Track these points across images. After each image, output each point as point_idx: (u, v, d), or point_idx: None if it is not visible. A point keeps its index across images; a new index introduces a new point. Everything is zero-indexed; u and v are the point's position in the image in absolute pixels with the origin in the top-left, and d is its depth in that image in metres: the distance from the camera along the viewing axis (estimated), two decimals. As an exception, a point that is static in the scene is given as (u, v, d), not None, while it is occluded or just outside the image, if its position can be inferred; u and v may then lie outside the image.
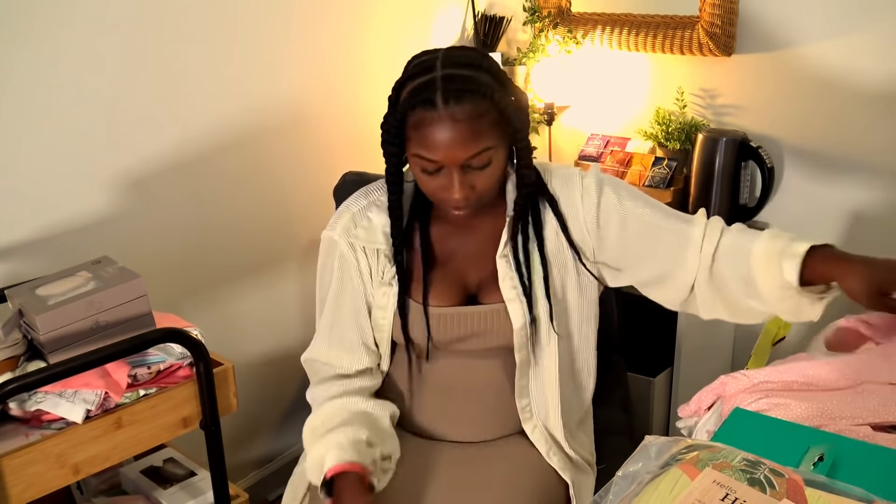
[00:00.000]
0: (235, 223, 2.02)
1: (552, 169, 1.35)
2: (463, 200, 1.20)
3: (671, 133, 2.32)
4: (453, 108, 1.13)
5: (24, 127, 1.60)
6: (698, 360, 2.21)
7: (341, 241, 1.31)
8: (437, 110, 1.14)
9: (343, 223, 1.32)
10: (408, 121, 1.17)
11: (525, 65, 2.49)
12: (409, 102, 1.16)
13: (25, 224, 1.63)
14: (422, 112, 1.15)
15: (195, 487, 1.56)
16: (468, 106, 1.14)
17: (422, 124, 1.15)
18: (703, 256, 1.27)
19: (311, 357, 1.38)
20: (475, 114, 1.14)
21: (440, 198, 1.23)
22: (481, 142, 1.16)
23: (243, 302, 2.07)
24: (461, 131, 1.14)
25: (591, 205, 1.30)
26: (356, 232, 1.31)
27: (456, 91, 1.14)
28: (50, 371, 1.22)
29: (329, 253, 1.34)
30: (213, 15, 1.87)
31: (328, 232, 1.33)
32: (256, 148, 2.03)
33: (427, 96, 1.14)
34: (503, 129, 1.19)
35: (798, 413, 1.19)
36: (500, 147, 1.20)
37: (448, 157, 1.16)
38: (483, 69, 1.18)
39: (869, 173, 2.13)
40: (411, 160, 1.22)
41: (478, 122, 1.15)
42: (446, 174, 1.19)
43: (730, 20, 2.19)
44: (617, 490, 0.89)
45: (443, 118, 1.14)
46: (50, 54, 1.61)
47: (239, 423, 2.00)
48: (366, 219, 1.32)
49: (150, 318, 1.41)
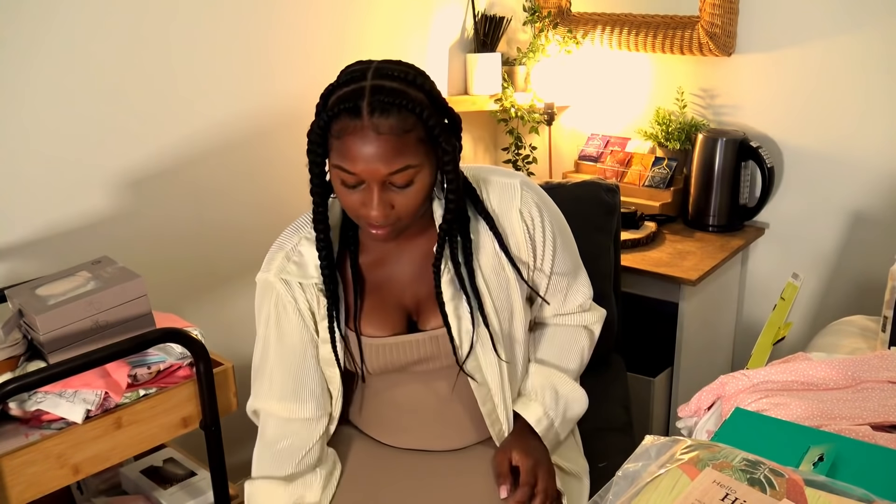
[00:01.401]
0: (235, 223, 2.02)
1: (490, 181, 1.29)
2: (381, 218, 1.14)
3: (671, 133, 2.32)
4: (378, 119, 1.08)
5: (24, 127, 1.60)
6: (698, 360, 2.22)
7: (276, 281, 1.25)
8: (362, 120, 1.08)
9: (277, 263, 1.27)
10: (331, 129, 1.12)
11: (525, 65, 2.49)
12: (334, 109, 1.10)
13: (25, 224, 1.63)
14: (346, 120, 1.10)
15: (195, 487, 1.56)
16: (393, 120, 1.09)
17: (344, 133, 1.10)
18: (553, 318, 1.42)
19: (259, 408, 1.33)
20: (400, 129, 1.09)
21: (358, 214, 1.17)
22: (403, 158, 1.10)
23: (243, 302, 2.07)
24: (383, 145, 1.09)
25: (530, 221, 1.28)
26: (289, 268, 1.26)
27: (382, 103, 1.08)
28: (50, 371, 1.22)
29: (265, 296, 1.28)
30: (213, 16, 1.87)
31: (262, 274, 1.28)
32: (256, 148, 2.03)
33: (353, 104, 1.09)
34: (430, 149, 1.14)
35: (798, 413, 1.19)
36: (425, 167, 1.14)
37: (368, 172, 1.10)
38: (416, 85, 1.13)
39: (868, 173, 2.13)
40: (332, 172, 1.16)
41: (402, 138, 1.10)
42: (366, 190, 1.13)
43: (730, 20, 2.19)
44: (617, 490, 0.89)
45: (366, 129, 1.08)
46: (50, 55, 1.61)
47: (239, 423, 1.99)
48: (297, 254, 1.27)
49: (150, 318, 1.41)
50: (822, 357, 1.40)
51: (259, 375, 1.32)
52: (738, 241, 2.22)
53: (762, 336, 1.67)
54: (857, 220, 2.19)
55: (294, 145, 2.13)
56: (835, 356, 1.43)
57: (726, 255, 2.13)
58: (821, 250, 2.26)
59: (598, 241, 1.82)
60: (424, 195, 1.16)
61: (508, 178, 1.29)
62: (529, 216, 1.28)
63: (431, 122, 1.12)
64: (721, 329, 2.37)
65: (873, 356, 1.34)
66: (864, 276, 2.19)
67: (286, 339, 1.28)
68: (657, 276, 2.04)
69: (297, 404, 1.29)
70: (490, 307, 1.27)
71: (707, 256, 2.11)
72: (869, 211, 2.16)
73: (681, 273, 2.02)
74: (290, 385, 1.29)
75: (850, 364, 1.31)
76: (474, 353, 1.28)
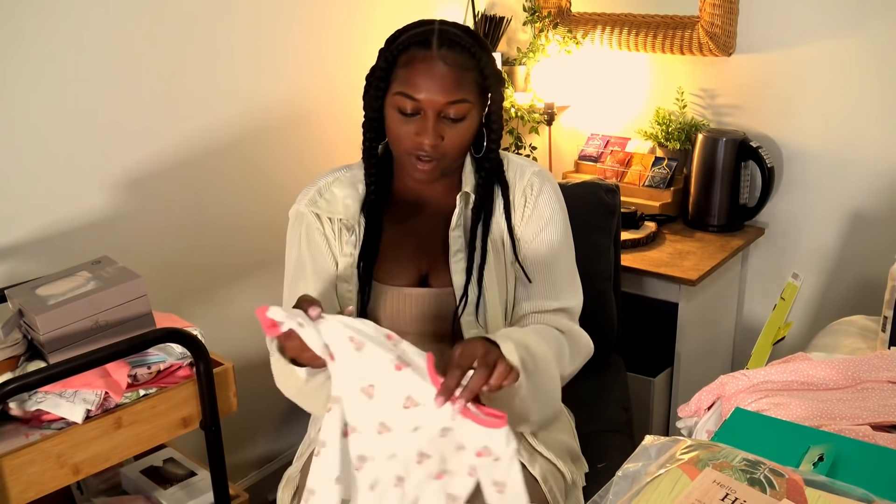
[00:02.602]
0: (235, 223, 2.02)
1: (509, 157, 1.40)
2: (431, 148, 1.23)
3: (671, 133, 2.32)
4: (445, 52, 1.21)
5: (24, 127, 1.60)
6: (698, 360, 2.22)
7: (307, 212, 1.35)
8: (431, 51, 1.21)
9: (309, 197, 1.36)
10: (399, 60, 1.24)
11: (525, 65, 2.49)
12: (405, 43, 1.23)
13: (25, 224, 1.63)
14: (415, 51, 1.22)
15: (195, 487, 1.56)
16: (459, 56, 1.22)
17: (413, 61, 1.22)
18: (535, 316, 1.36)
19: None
20: (464, 65, 1.22)
21: (409, 145, 1.25)
22: (462, 91, 1.22)
23: (243, 302, 2.07)
24: (447, 76, 1.21)
25: (531, 198, 1.35)
26: (320, 203, 1.35)
27: (450, 40, 1.22)
28: (50, 371, 1.22)
29: (296, 225, 1.37)
30: (213, 15, 1.87)
31: (295, 207, 1.38)
32: (256, 148, 2.03)
33: (424, 38, 1.22)
34: (482, 93, 1.26)
35: (798, 413, 1.19)
36: (476, 109, 1.25)
37: (429, 100, 1.21)
38: (476, 37, 1.26)
39: (868, 173, 2.13)
40: (390, 102, 1.25)
41: (463, 74, 1.22)
42: (422, 119, 1.23)
43: (730, 20, 2.19)
44: (617, 490, 0.89)
45: (434, 59, 1.21)
46: (49, 56, 1.61)
47: (239, 423, 2.00)
48: (329, 192, 1.36)
49: (150, 318, 1.41)
50: (822, 357, 1.40)
51: (285, 301, 1.38)
52: (738, 241, 2.22)
53: (762, 336, 1.67)
54: (857, 220, 2.19)
55: (294, 145, 2.13)
56: (835, 356, 1.43)
57: (726, 255, 2.13)
58: (821, 250, 2.26)
59: (598, 242, 1.82)
60: (471, 135, 1.27)
61: (523, 160, 1.41)
62: (539, 184, 1.36)
63: (487, 70, 1.25)
64: (721, 329, 2.37)
65: (873, 356, 1.34)
66: (864, 276, 2.19)
67: (317, 257, 1.35)
68: (657, 276, 2.04)
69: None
70: (488, 270, 1.32)
71: (707, 256, 2.11)
72: (869, 211, 2.16)
73: (681, 273, 2.02)
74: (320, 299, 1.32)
75: (850, 364, 1.31)
76: (475, 317, 1.31)
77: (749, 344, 1.97)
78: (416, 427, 1.01)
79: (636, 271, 2.07)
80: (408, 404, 1.00)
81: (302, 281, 1.36)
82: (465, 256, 1.32)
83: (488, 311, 1.33)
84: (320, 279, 1.35)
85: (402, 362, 0.99)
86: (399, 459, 1.03)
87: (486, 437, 0.99)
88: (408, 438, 1.01)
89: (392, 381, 1.00)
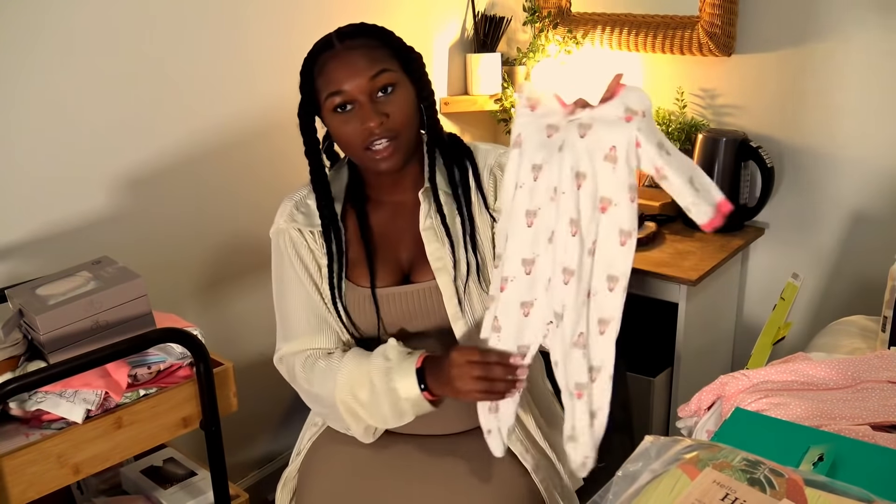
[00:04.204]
0: (235, 223, 2.02)
1: (478, 146, 1.41)
2: (379, 128, 1.23)
3: (671, 133, 2.32)
4: (349, 42, 1.26)
5: (24, 127, 1.60)
6: (698, 360, 2.22)
7: (288, 227, 1.36)
8: (335, 48, 1.26)
9: (287, 213, 1.37)
10: (313, 72, 1.28)
11: (525, 65, 2.49)
12: (312, 54, 1.28)
13: (25, 224, 1.63)
14: (323, 55, 1.27)
15: (195, 487, 1.56)
16: (362, 40, 1.27)
17: (325, 63, 1.26)
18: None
19: (289, 352, 1.37)
20: (370, 45, 1.27)
21: (360, 139, 1.25)
22: (379, 64, 1.25)
23: (243, 302, 2.07)
24: (359, 59, 1.25)
25: (499, 174, 1.35)
26: (297, 216, 1.36)
27: (349, 33, 1.28)
28: (50, 371, 1.22)
29: (279, 243, 1.37)
30: (213, 16, 1.87)
31: (274, 226, 1.38)
32: (256, 148, 2.03)
33: (325, 41, 1.28)
34: (403, 64, 1.29)
35: (798, 413, 1.19)
36: (403, 80, 1.28)
37: (353, 86, 1.24)
38: (373, 26, 1.31)
39: (868, 173, 2.13)
40: (326, 110, 1.27)
41: (373, 51, 1.26)
42: (358, 109, 1.25)
43: (730, 20, 2.19)
44: (617, 490, 0.89)
45: (340, 51, 1.26)
46: (50, 56, 1.61)
47: (239, 422, 2.00)
48: (304, 205, 1.38)
49: (150, 318, 1.41)
50: (822, 357, 1.41)
51: (280, 320, 1.39)
52: (738, 241, 2.22)
53: (762, 336, 1.67)
54: (857, 220, 2.19)
55: (294, 145, 2.12)
56: (835, 356, 1.43)
57: (726, 255, 2.13)
58: (821, 250, 2.26)
59: (598, 241, 1.82)
60: (411, 104, 1.29)
61: (494, 146, 1.42)
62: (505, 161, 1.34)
63: (395, 43, 1.29)
64: (721, 329, 2.37)
65: (873, 356, 1.34)
66: (864, 276, 2.19)
67: (302, 276, 1.35)
68: (657, 276, 2.04)
69: (317, 336, 1.35)
70: (478, 237, 1.34)
71: (707, 256, 2.11)
72: (869, 211, 2.16)
73: (681, 273, 2.02)
74: (312, 321, 1.35)
75: (850, 364, 1.31)
76: (460, 307, 1.32)
77: (749, 344, 1.97)
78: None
79: (636, 271, 2.06)
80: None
81: (286, 306, 1.37)
82: (449, 251, 1.31)
83: (473, 301, 1.33)
84: (303, 301, 1.35)
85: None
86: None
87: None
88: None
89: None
